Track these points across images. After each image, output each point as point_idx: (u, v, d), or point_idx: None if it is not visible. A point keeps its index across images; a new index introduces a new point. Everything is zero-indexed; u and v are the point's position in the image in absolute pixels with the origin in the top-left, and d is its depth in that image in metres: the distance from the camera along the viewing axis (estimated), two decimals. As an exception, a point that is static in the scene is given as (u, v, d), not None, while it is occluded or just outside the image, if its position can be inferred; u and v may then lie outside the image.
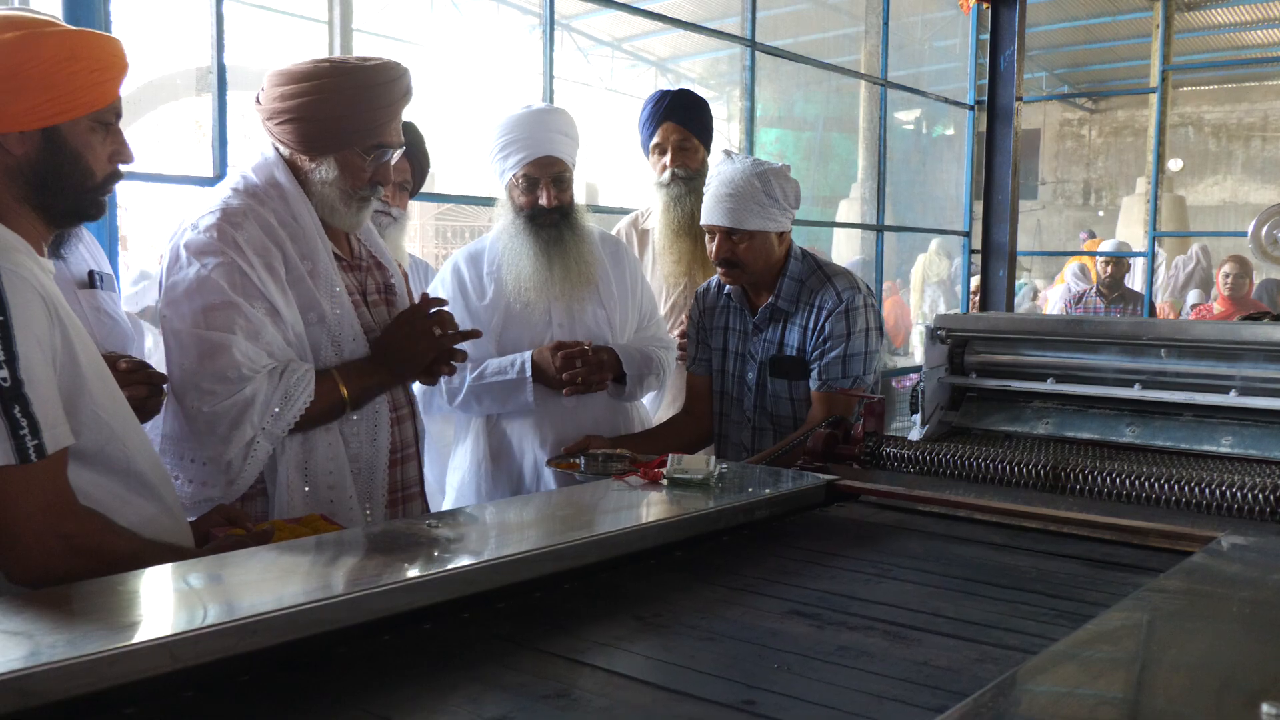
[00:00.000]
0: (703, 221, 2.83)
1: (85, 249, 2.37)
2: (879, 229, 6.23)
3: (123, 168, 1.74)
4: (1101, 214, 16.96)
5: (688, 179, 3.35)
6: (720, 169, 2.80)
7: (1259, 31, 12.97)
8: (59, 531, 1.53)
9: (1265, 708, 0.99)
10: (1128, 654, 1.20)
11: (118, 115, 1.70)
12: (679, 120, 3.38)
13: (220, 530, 1.83)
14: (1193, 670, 1.15)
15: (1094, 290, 7.26)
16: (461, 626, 1.41)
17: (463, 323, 2.84)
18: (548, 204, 2.80)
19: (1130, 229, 11.75)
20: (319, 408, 2.14)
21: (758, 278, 2.82)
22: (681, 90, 3.51)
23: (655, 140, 3.41)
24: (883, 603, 1.51)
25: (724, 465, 2.05)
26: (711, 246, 2.81)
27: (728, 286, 2.91)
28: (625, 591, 1.57)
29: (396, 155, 2.32)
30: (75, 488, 1.59)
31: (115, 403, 1.70)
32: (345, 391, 2.17)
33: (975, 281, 6.53)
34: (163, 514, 1.74)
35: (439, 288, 2.94)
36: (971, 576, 1.64)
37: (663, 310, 3.46)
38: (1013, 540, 1.85)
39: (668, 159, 3.38)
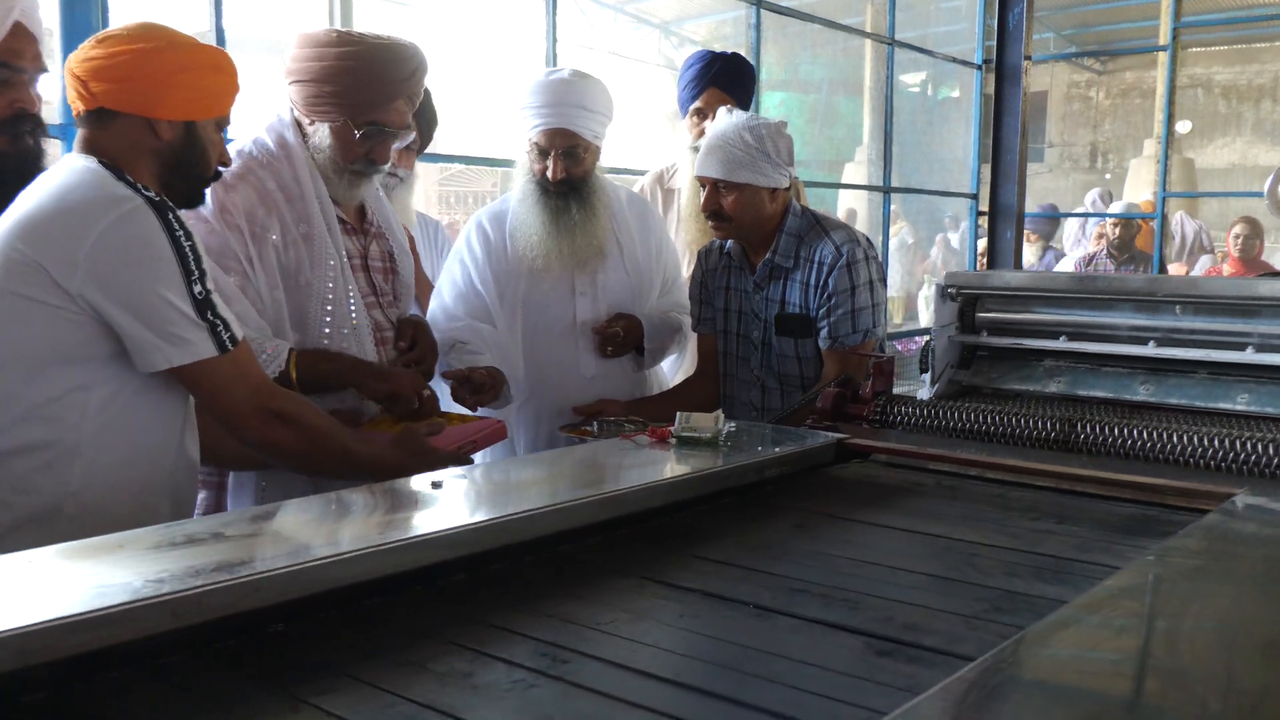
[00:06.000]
0: (694, 173, 2.80)
1: None
2: (885, 190, 6.18)
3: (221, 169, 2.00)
4: (1109, 176, 16.83)
5: None
6: (715, 123, 2.77)
7: (1270, -9, 12.78)
8: (270, 408, 1.85)
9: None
10: (1144, 614, 1.18)
11: (228, 124, 1.99)
12: (725, 87, 3.29)
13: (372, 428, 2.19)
14: (1210, 631, 1.12)
15: (1104, 252, 7.21)
16: (451, 587, 1.39)
17: (485, 284, 2.82)
18: (553, 177, 2.76)
19: (1138, 191, 11.65)
20: None
21: (749, 233, 2.79)
22: (732, 55, 3.42)
23: (697, 105, 3.31)
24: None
25: (732, 424, 2.02)
26: (702, 198, 2.77)
27: (728, 246, 2.88)
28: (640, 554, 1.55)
29: (404, 140, 2.34)
30: None
31: None
32: (294, 374, 2.17)
33: (983, 244, 6.48)
34: None
35: (464, 248, 2.90)
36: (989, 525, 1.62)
37: (685, 275, 3.43)
38: (1022, 500, 1.82)
39: (707, 125, 3.30)
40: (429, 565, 1.37)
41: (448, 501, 1.58)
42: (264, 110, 2.37)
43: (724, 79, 3.30)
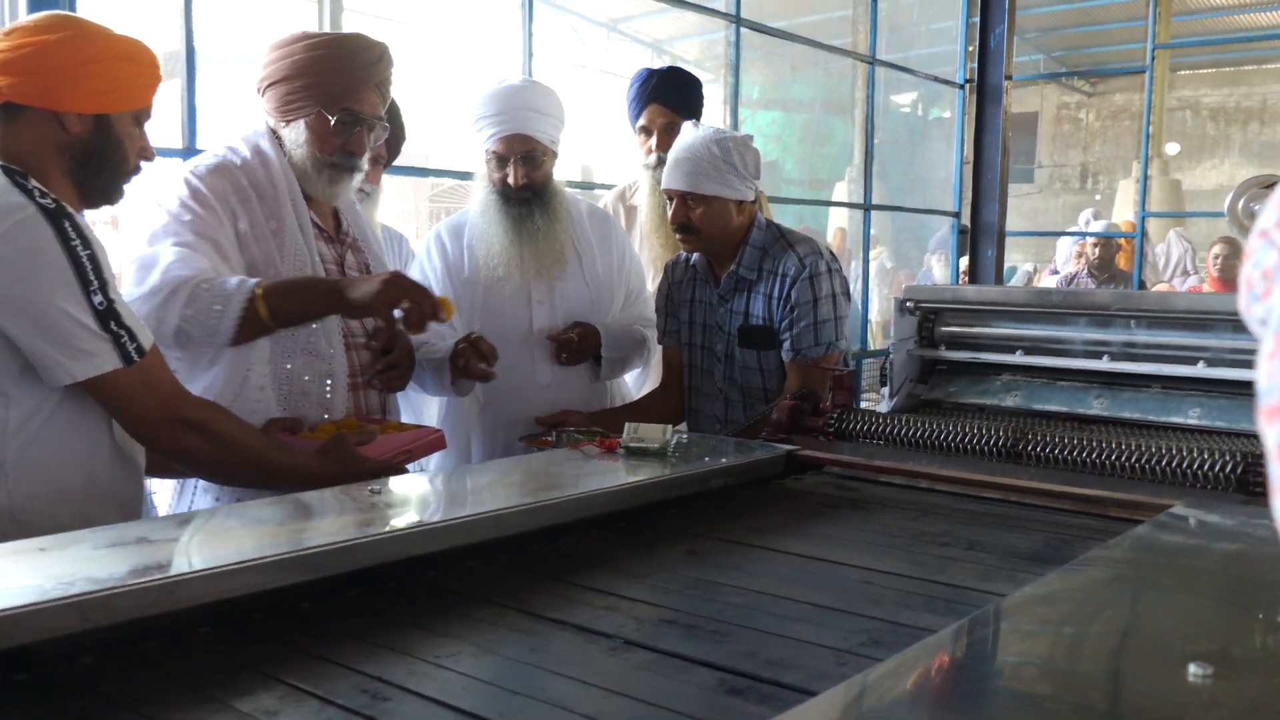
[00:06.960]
0: (661, 186, 2.81)
1: None
2: (866, 208, 6.20)
3: (143, 164, 1.94)
4: (1098, 197, 16.89)
5: None
6: (681, 137, 2.78)
7: (1257, 14, 12.89)
8: (181, 416, 1.81)
9: (1192, 668, 0.97)
10: (1058, 618, 1.17)
11: (148, 118, 1.92)
12: (666, 103, 3.28)
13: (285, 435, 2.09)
14: (1123, 634, 1.13)
15: (1085, 272, 7.24)
16: (388, 591, 1.39)
17: (444, 295, 2.82)
18: (514, 183, 2.76)
19: (1127, 212, 11.70)
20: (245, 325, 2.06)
21: (717, 246, 2.79)
22: (670, 70, 3.41)
23: (641, 122, 3.32)
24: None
25: (681, 435, 2.02)
26: (670, 212, 2.77)
27: (694, 259, 2.88)
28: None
29: (378, 136, 2.37)
30: None
31: None
32: (263, 309, 2.04)
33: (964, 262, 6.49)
34: None
35: (424, 260, 2.92)
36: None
37: (651, 290, 3.43)
38: (968, 509, 1.83)
39: (653, 142, 3.29)
40: (273, 590, 1.28)
41: (321, 518, 1.54)
42: (244, 126, 2.39)
43: (663, 94, 3.29)
